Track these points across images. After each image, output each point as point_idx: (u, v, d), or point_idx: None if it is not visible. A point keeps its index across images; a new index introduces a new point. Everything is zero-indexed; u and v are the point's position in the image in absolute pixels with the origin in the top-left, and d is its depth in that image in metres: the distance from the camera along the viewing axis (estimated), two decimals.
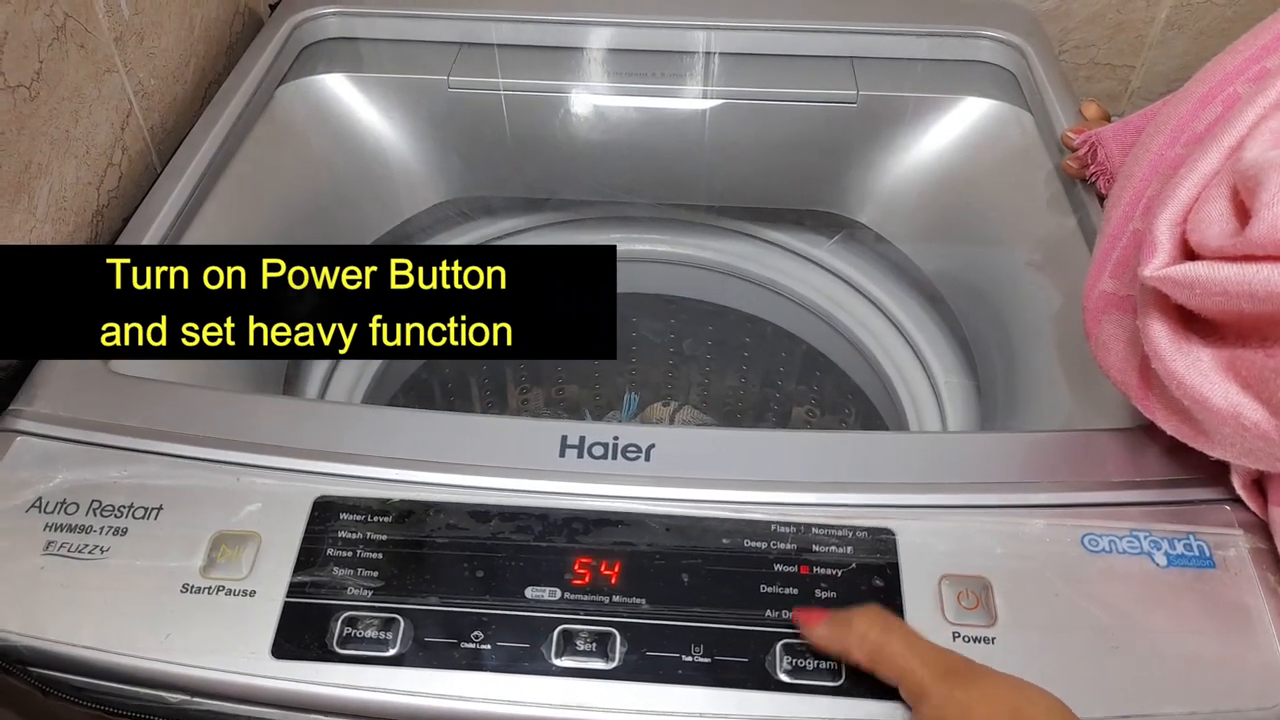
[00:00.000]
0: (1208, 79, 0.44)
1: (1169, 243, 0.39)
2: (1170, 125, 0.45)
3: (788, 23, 0.73)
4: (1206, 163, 0.39)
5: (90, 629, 0.40)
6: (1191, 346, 0.38)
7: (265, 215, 0.65)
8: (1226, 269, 0.36)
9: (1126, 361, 0.43)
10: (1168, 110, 0.46)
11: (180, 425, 0.46)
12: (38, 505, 0.43)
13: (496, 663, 0.39)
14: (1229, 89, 0.43)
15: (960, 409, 0.67)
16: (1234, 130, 0.39)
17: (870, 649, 0.37)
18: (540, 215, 0.84)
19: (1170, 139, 0.45)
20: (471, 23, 0.74)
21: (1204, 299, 0.37)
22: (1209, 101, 0.43)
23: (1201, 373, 0.38)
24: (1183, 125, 0.44)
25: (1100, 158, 0.57)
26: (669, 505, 0.43)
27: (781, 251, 0.82)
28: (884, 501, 0.43)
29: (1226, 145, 0.39)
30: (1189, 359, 0.38)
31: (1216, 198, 0.38)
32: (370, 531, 0.42)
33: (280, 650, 0.39)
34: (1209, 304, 0.37)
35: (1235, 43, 0.44)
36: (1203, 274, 0.36)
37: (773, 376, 0.92)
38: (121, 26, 0.60)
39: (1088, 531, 0.42)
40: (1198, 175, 0.39)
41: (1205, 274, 0.36)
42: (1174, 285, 0.38)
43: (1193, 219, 0.38)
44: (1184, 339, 0.38)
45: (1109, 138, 0.56)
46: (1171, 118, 0.45)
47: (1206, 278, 0.36)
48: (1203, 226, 0.37)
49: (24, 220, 0.52)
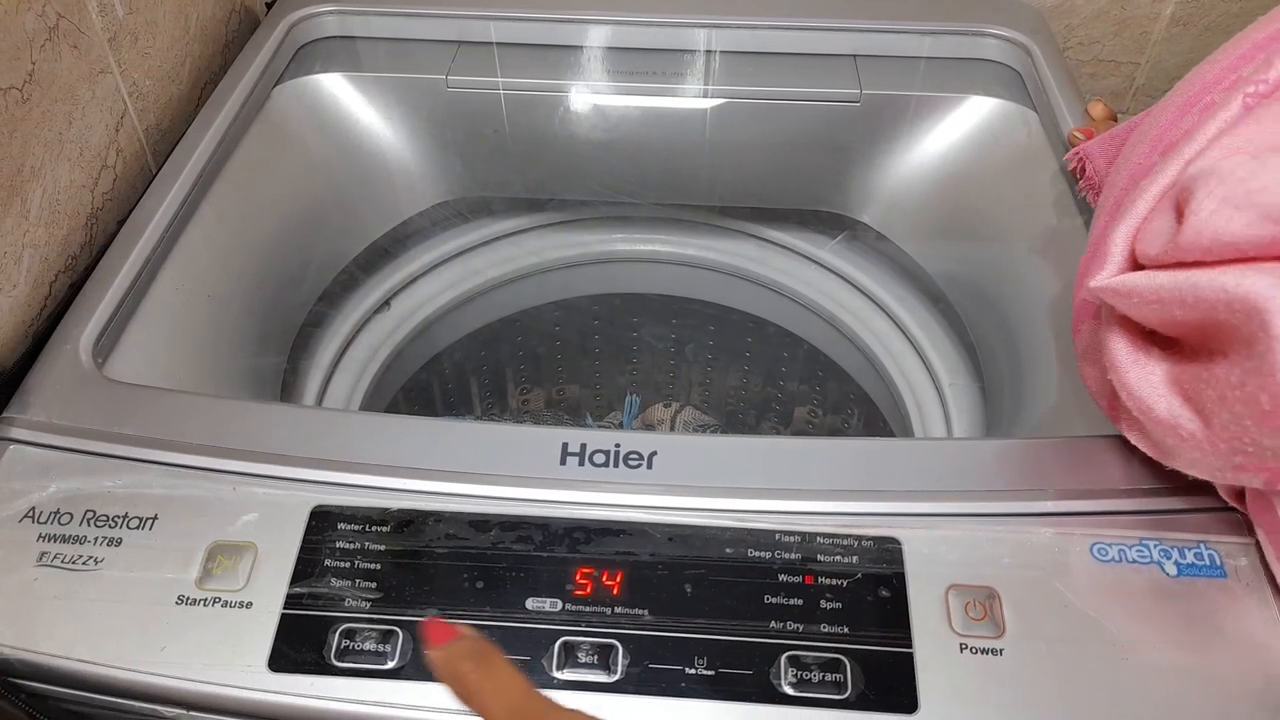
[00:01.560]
0: (1186, 88, 0.44)
1: (1120, 255, 0.39)
2: (1150, 135, 0.45)
3: (790, 21, 0.72)
4: (1165, 176, 0.40)
5: (84, 641, 0.39)
6: (1148, 360, 0.39)
7: (262, 217, 0.65)
8: (1159, 277, 0.36)
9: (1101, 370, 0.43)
10: (1149, 121, 0.46)
11: (176, 433, 0.45)
12: (31, 515, 0.43)
13: None
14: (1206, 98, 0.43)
15: (966, 412, 0.66)
16: (1194, 144, 0.39)
17: (452, 677, 0.34)
18: (540, 215, 0.83)
19: (1149, 149, 0.45)
20: (470, 21, 0.73)
21: (1142, 309, 0.37)
22: (1187, 111, 0.43)
23: (1152, 385, 0.38)
24: (1161, 135, 0.44)
25: (1089, 172, 0.56)
26: (672, 514, 0.43)
27: (784, 252, 0.81)
28: (890, 510, 0.43)
29: (1185, 158, 0.39)
30: (1143, 371, 0.39)
31: (1165, 210, 0.38)
32: (368, 542, 0.42)
33: (277, 663, 0.39)
34: (1149, 314, 0.37)
35: (1215, 51, 0.44)
36: (1140, 283, 0.37)
37: (775, 377, 0.91)
38: (115, 26, 0.59)
39: (1097, 540, 0.41)
40: (1156, 188, 0.39)
41: (1142, 283, 0.37)
42: (1115, 295, 0.38)
43: (1141, 232, 0.39)
44: (1143, 352, 0.39)
45: (1095, 152, 0.56)
46: (1152, 128, 0.45)
47: (1143, 286, 0.37)
48: (1148, 238, 0.38)
49: (16, 224, 0.51)
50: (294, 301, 0.67)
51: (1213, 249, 0.34)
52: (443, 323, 0.81)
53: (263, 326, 0.63)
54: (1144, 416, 0.39)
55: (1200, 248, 0.34)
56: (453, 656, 0.34)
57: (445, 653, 0.35)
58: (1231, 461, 0.36)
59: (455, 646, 0.35)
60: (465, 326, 0.84)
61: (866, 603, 0.40)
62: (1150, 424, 0.39)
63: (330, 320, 0.74)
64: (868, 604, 0.40)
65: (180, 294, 0.56)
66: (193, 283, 0.57)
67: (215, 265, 0.60)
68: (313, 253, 0.69)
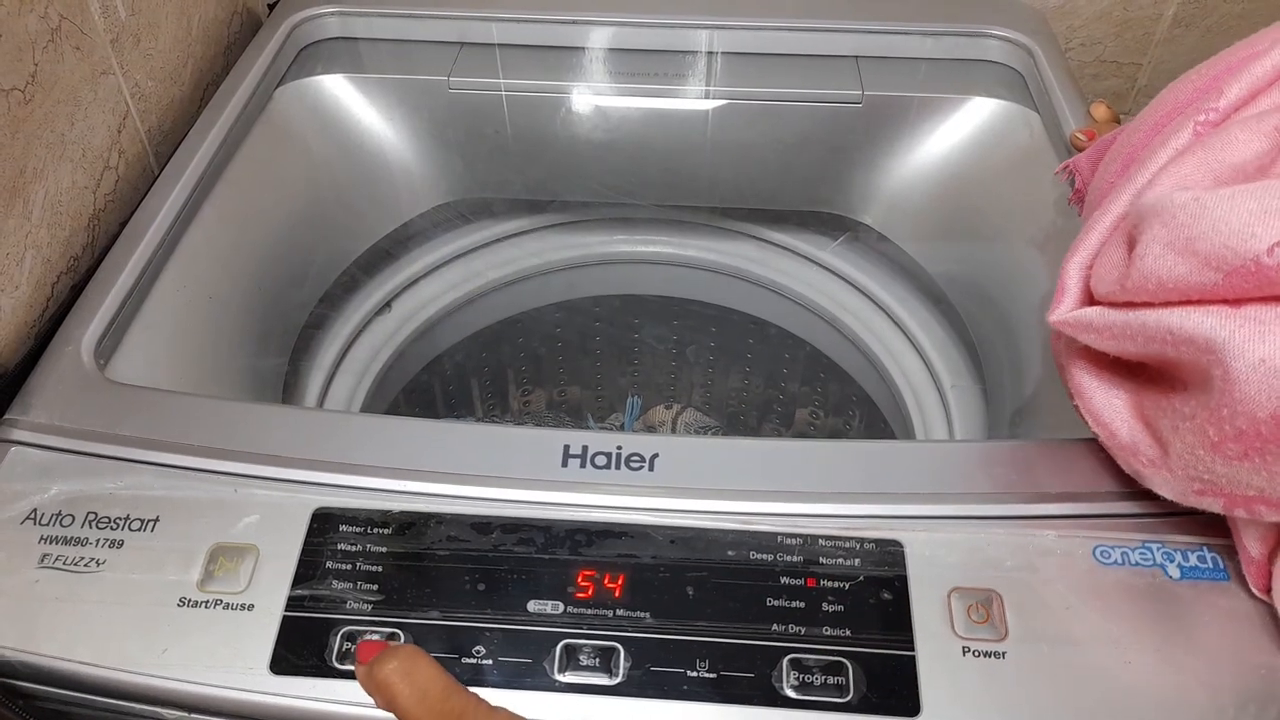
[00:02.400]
0: (1160, 107, 0.44)
1: (1076, 287, 0.40)
2: (1123, 154, 0.45)
3: (792, 22, 0.72)
4: (1118, 205, 0.40)
5: (85, 643, 0.39)
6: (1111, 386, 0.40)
7: (264, 218, 0.65)
8: (1113, 315, 0.37)
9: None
10: (1124, 137, 0.46)
11: (177, 435, 0.45)
12: (33, 517, 0.42)
13: (498, 678, 0.38)
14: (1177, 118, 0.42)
15: (967, 414, 0.66)
16: (1146, 171, 0.39)
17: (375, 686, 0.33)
18: (542, 217, 0.83)
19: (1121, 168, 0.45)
20: (472, 22, 0.73)
21: (1103, 343, 0.38)
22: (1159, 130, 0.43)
23: (1115, 410, 0.39)
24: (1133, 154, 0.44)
25: (1078, 184, 0.56)
26: (673, 516, 0.43)
27: (785, 253, 0.81)
28: (892, 512, 0.42)
29: (1137, 186, 0.39)
30: (1107, 397, 0.39)
31: (1117, 243, 0.38)
32: (370, 544, 0.42)
33: (279, 665, 0.39)
34: (1109, 348, 0.38)
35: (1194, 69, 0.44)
36: (1095, 319, 0.37)
37: (776, 379, 0.91)
38: (118, 28, 0.59)
39: (1099, 543, 0.41)
40: (1108, 219, 0.40)
41: (1097, 319, 0.37)
42: (1076, 329, 0.39)
43: (1095, 265, 0.39)
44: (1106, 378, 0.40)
45: (1084, 165, 0.56)
46: (1125, 146, 0.45)
47: (1099, 323, 0.37)
48: (1101, 272, 0.38)
49: (19, 225, 0.51)
50: (295, 303, 0.67)
51: (1158, 293, 0.34)
52: (444, 324, 0.81)
53: (264, 328, 0.63)
54: (1108, 441, 0.40)
55: (1147, 291, 0.35)
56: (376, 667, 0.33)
57: (369, 664, 0.34)
58: (1191, 487, 0.36)
59: (380, 657, 0.34)
60: (467, 328, 0.84)
61: (869, 605, 0.40)
62: (1114, 449, 0.40)
63: (332, 322, 0.74)
64: (870, 607, 0.40)
65: (182, 295, 0.56)
66: (194, 284, 0.57)
67: (217, 266, 0.60)
68: (314, 254, 0.69)
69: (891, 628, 0.39)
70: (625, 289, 0.87)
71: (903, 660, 0.38)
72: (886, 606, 0.40)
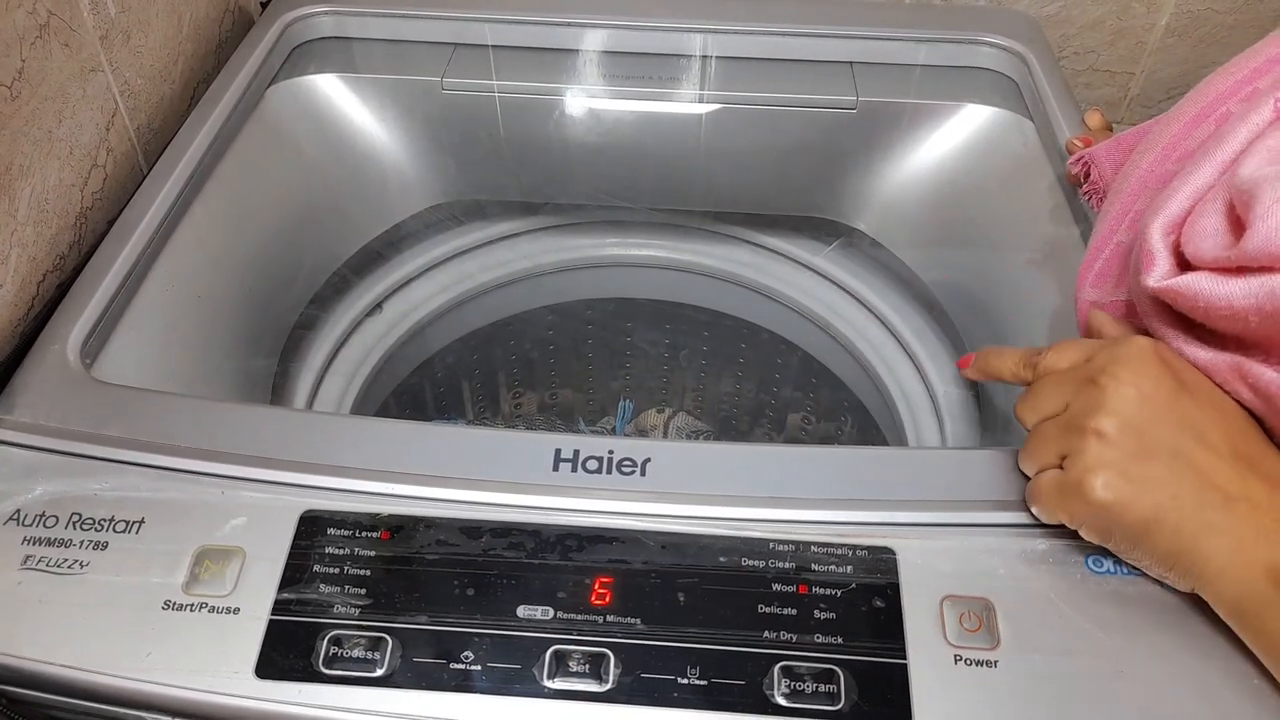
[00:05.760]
0: (1199, 98, 0.45)
1: (1165, 251, 0.40)
2: (1161, 143, 0.46)
3: (787, 27, 0.72)
4: (1200, 176, 0.41)
5: (69, 646, 0.39)
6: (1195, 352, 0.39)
7: (254, 218, 0.64)
8: (1231, 284, 0.37)
9: None
10: (1159, 128, 0.47)
11: (164, 435, 0.45)
12: (16, 518, 0.42)
13: (487, 684, 0.38)
14: (1221, 108, 0.44)
15: (959, 420, 0.66)
16: (1227, 146, 0.40)
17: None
18: (534, 219, 0.83)
19: (1161, 156, 0.46)
20: (466, 23, 0.73)
21: (1208, 313, 0.38)
22: (1201, 120, 0.44)
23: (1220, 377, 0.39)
24: (1174, 143, 0.45)
25: (1094, 177, 0.56)
26: (665, 522, 0.42)
27: (779, 258, 0.81)
28: (884, 520, 0.42)
29: (1220, 160, 0.40)
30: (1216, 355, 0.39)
31: (1211, 212, 0.39)
32: (358, 547, 0.41)
33: (265, 670, 0.38)
34: (1213, 317, 0.38)
35: (1228, 64, 0.45)
36: (1206, 287, 0.37)
37: (768, 383, 0.91)
38: (107, 24, 0.59)
39: (1092, 553, 0.41)
40: (1190, 188, 0.40)
41: (1209, 288, 0.37)
42: (1177, 296, 0.39)
43: (1187, 231, 0.39)
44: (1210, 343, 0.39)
45: (1102, 157, 0.56)
46: (1163, 136, 0.46)
47: (1209, 292, 0.37)
48: (1197, 239, 0.38)
49: (4, 223, 0.50)
50: (285, 303, 0.67)
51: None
52: (435, 326, 0.80)
53: (254, 328, 0.62)
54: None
55: (1269, 254, 0.35)
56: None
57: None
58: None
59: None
60: (458, 330, 0.83)
61: (860, 613, 0.40)
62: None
63: (322, 323, 0.73)
64: (862, 614, 0.40)
65: (170, 295, 0.56)
66: (183, 284, 0.57)
67: (206, 266, 0.59)
68: (305, 255, 0.68)
69: (883, 636, 0.39)
70: (618, 292, 0.87)
71: (894, 669, 0.38)
72: (878, 614, 0.39)
